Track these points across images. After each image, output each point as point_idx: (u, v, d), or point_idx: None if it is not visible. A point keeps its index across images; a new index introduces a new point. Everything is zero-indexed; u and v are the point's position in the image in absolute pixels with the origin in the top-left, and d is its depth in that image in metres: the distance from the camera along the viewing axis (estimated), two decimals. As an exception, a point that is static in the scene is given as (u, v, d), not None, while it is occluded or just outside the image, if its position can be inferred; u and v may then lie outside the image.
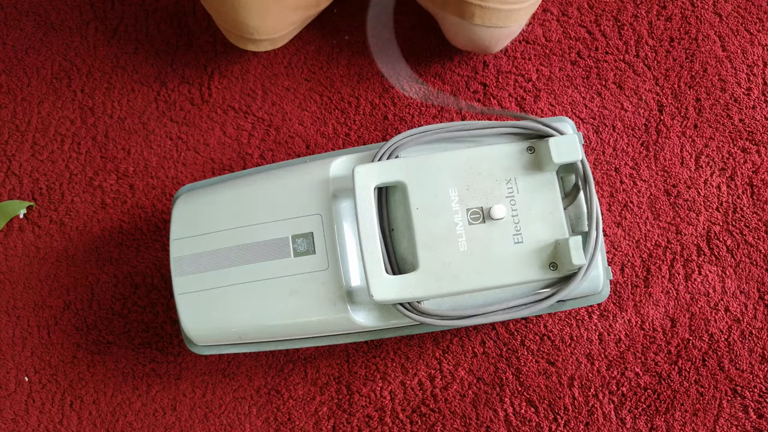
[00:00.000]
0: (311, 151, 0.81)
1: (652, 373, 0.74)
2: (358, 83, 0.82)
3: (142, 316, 0.79)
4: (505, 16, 0.69)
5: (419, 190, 0.59)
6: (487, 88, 0.81)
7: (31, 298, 0.80)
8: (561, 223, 0.59)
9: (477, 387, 0.75)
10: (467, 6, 0.68)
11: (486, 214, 0.59)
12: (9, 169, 0.83)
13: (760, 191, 0.77)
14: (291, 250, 0.62)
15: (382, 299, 0.57)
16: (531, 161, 0.60)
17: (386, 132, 0.81)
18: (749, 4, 0.81)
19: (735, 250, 0.76)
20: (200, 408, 0.77)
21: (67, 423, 0.78)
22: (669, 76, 0.80)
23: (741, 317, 0.74)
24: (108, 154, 0.83)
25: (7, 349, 0.80)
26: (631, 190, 0.77)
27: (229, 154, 0.82)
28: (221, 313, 0.63)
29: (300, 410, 0.76)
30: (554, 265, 0.58)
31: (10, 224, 0.82)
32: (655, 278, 0.75)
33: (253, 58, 0.84)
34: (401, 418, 0.75)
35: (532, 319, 0.75)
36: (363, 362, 0.76)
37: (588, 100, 0.80)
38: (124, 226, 0.81)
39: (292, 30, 0.76)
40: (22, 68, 0.86)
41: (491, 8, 0.68)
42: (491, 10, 0.68)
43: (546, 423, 0.74)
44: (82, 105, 0.84)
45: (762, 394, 0.73)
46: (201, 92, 0.83)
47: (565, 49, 0.81)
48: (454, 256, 0.58)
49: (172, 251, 0.65)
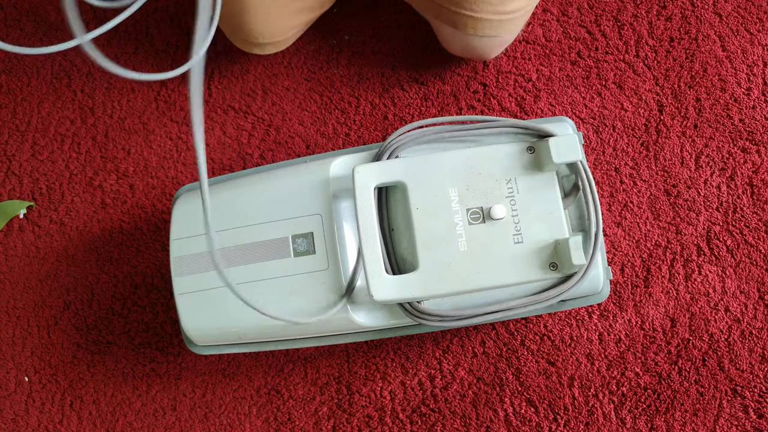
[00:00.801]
0: (311, 151, 0.81)
1: (652, 373, 0.74)
2: (358, 83, 0.82)
3: (142, 316, 0.79)
4: (498, 26, 0.69)
5: (419, 190, 0.59)
6: (487, 88, 0.81)
7: (31, 298, 0.80)
8: (561, 223, 0.59)
9: (477, 387, 0.75)
10: (460, 17, 0.68)
11: (486, 214, 0.59)
12: (9, 169, 0.83)
13: (760, 191, 0.77)
14: (291, 250, 0.62)
15: (382, 299, 0.57)
16: (531, 161, 0.60)
17: (386, 132, 0.81)
18: (749, 4, 0.81)
19: (735, 250, 0.76)
20: (200, 408, 0.77)
21: (67, 423, 0.78)
22: (669, 76, 0.80)
23: (741, 317, 0.74)
24: (108, 154, 0.83)
25: (7, 349, 0.80)
26: (631, 190, 0.77)
27: (229, 154, 0.82)
28: (221, 313, 0.63)
29: (300, 410, 0.76)
30: (554, 265, 0.58)
31: (10, 224, 0.82)
32: (655, 278, 0.75)
33: (253, 58, 0.84)
34: (401, 418, 0.75)
35: (532, 319, 0.75)
36: (363, 362, 0.76)
37: (588, 100, 0.80)
38: (124, 226, 0.81)
39: (295, 33, 0.77)
40: (22, 68, 0.86)
41: (483, 18, 0.68)
42: (484, 21, 0.68)
43: (546, 423, 0.74)
44: (82, 105, 0.84)
45: (762, 394, 0.73)
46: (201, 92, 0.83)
47: (565, 49, 0.81)
48: (454, 256, 0.58)
49: (172, 251, 0.65)
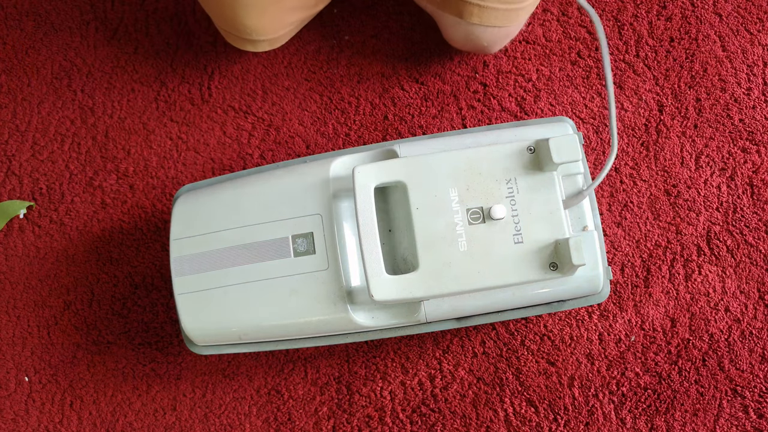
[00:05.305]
0: (311, 151, 0.81)
1: (652, 373, 0.74)
2: (358, 83, 0.82)
3: (142, 316, 0.79)
4: (504, 16, 0.69)
5: (419, 190, 0.59)
6: (487, 88, 0.81)
7: (31, 298, 0.80)
8: (561, 223, 0.59)
9: (477, 387, 0.75)
10: (466, 5, 0.68)
11: (486, 214, 0.59)
12: (9, 169, 0.83)
13: (760, 191, 0.77)
14: (291, 250, 0.62)
15: (382, 299, 0.57)
16: (531, 161, 0.60)
17: (386, 132, 0.81)
18: (749, 4, 0.81)
19: (735, 250, 0.76)
20: (200, 408, 0.77)
21: (67, 423, 0.78)
22: (669, 76, 0.80)
23: (741, 317, 0.74)
24: (108, 154, 0.83)
25: (7, 349, 0.80)
26: (631, 190, 0.77)
27: (229, 154, 0.82)
28: (221, 313, 0.63)
29: (300, 410, 0.76)
30: (554, 265, 0.58)
31: (10, 224, 0.82)
32: (655, 278, 0.75)
33: (253, 58, 0.84)
34: (401, 418, 0.75)
35: (532, 319, 0.75)
36: (363, 362, 0.76)
37: (588, 100, 0.80)
38: (124, 226, 0.81)
39: (290, 30, 0.76)
40: (22, 68, 0.86)
41: (490, 8, 0.68)
42: (490, 10, 0.68)
43: (546, 423, 0.74)
44: (82, 105, 0.84)
45: (762, 394, 0.73)
46: (201, 92, 0.83)
47: (565, 49, 0.81)
48: (454, 256, 0.58)
49: (172, 251, 0.65)
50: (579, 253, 0.56)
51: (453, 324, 0.63)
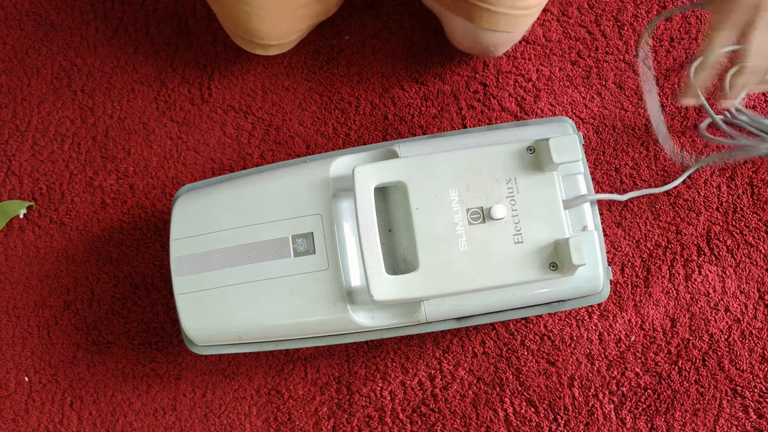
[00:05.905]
0: (311, 151, 0.81)
1: (652, 373, 0.74)
2: (358, 83, 0.82)
3: (142, 316, 0.79)
4: (513, 21, 0.69)
5: (419, 190, 0.59)
6: (487, 89, 0.81)
7: (31, 298, 0.80)
8: (561, 223, 0.59)
9: (477, 387, 0.75)
10: (476, 9, 0.68)
11: (486, 214, 0.59)
12: (9, 169, 0.83)
13: (760, 191, 0.77)
14: (291, 250, 0.62)
15: (382, 299, 0.57)
16: (531, 161, 0.60)
17: (386, 132, 0.81)
18: (749, 4, 0.81)
19: (735, 250, 0.76)
20: (200, 408, 0.77)
21: (67, 423, 0.78)
22: (669, 76, 0.80)
23: (741, 317, 0.74)
24: (108, 154, 0.83)
25: (7, 349, 0.80)
26: (631, 190, 0.77)
27: (229, 154, 0.82)
28: (221, 313, 0.63)
29: (300, 410, 0.76)
30: (554, 265, 0.58)
31: (10, 224, 0.82)
32: (655, 278, 0.75)
33: (253, 58, 0.84)
34: (401, 418, 0.75)
35: (532, 319, 0.75)
36: (363, 362, 0.76)
37: (588, 100, 0.80)
38: (124, 226, 0.81)
39: (299, 36, 0.77)
40: (22, 68, 0.86)
41: (500, 12, 0.68)
42: (500, 15, 0.68)
43: (546, 423, 0.74)
44: (82, 105, 0.84)
45: (762, 394, 0.73)
46: (201, 92, 0.83)
47: (565, 49, 0.81)
48: (455, 255, 0.58)
49: (172, 251, 0.65)
50: (579, 253, 0.56)
51: (453, 324, 0.63)
